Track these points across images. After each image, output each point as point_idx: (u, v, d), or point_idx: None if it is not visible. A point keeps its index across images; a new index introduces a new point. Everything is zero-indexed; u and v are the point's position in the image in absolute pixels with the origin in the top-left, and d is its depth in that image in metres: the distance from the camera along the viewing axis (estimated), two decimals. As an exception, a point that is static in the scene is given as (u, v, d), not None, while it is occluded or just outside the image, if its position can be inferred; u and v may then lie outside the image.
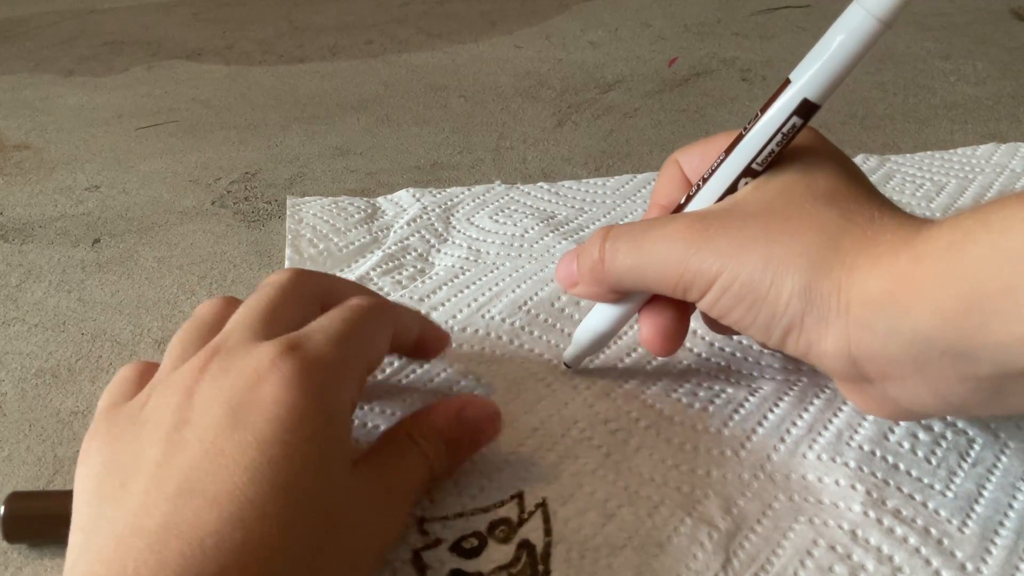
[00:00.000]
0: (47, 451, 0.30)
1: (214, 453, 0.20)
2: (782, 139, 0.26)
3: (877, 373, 0.24)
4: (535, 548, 0.25)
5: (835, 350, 0.24)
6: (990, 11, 0.71)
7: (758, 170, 0.26)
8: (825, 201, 0.25)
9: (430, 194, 0.44)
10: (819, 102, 0.25)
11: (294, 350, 0.23)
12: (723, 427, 0.29)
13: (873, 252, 0.23)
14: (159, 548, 0.19)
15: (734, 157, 0.27)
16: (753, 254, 0.24)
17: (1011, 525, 0.25)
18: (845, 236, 0.24)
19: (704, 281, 0.25)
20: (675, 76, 0.61)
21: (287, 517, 0.20)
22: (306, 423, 0.21)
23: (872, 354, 0.23)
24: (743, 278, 0.24)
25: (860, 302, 0.23)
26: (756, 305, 0.24)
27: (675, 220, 0.27)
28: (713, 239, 0.25)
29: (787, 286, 0.24)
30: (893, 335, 0.22)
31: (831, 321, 0.23)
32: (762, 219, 0.25)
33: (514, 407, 0.30)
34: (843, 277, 0.23)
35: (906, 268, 0.22)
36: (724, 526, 0.25)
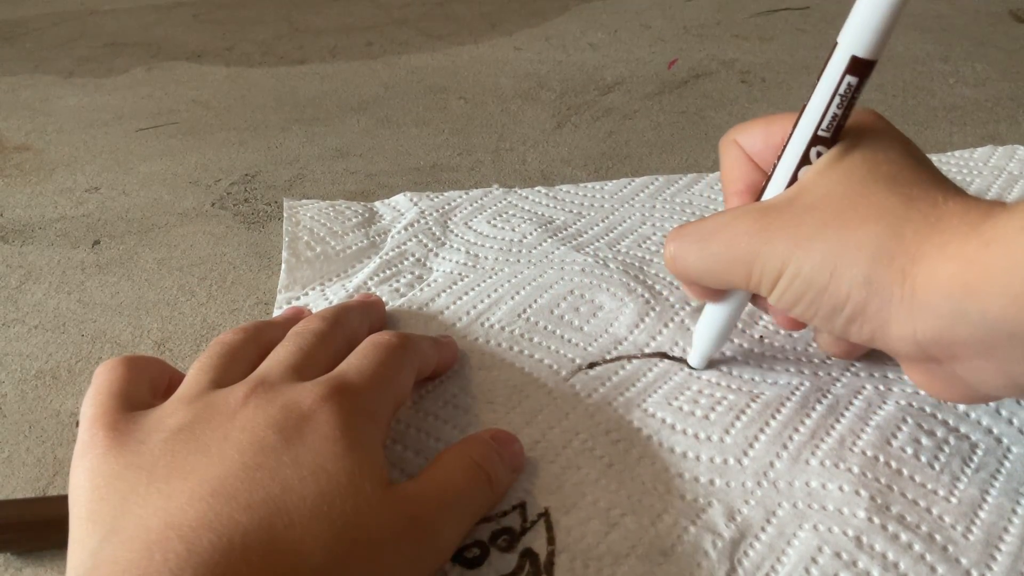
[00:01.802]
0: (47, 452, 0.30)
1: (253, 467, 0.22)
2: (840, 101, 0.25)
3: (945, 355, 0.24)
4: (538, 557, 0.25)
5: (900, 335, 0.24)
6: (989, 13, 0.71)
7: (825, 136, 0.26)
8: (887, 186, 0.25)
9: (427, 198, 0.44)
10: (870, 57, 0.25)
11: (338, 391, 0.25)
12: (725, 435, 0.29)
13: (938, 240, 0.23)
14: (191, 540, 0.20)
15: (799, 130, 0.26)
16: (813, 247, 0.25)
17: (1015, 531, 0.25)
18: (907, 224, 0.23)
19: (770, 278, 0.26)
20: (675, 78, 0.61)
21: (314, 528, 0.21)
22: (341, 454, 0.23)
23: (939, 337, 0.23)
24: (804, 273, 0.25)
25: (926, 288, 0.23)
26: (818, 298, 0.25)
27: (738, 217, 0.27)
28: (775, 235, 0.25)
29: (847, 278, 0.24)
30: (961, 318, 0.22)
31: (894, 308, 0.23)
32: (821, 210, 0.25)
33: (515, 417, 0.30)
34: (907, 265, 0.23)
35: (975, 253, 0.22)
36: (728, 534, 0.25)
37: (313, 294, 0.37)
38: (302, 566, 0.20)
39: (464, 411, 0.30)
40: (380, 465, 0.24)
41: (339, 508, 0.22)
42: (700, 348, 0.31)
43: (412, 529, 0.23)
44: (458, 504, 0.25)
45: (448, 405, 0.31)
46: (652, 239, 0.40)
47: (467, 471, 0.25)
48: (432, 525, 0.24)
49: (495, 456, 0.26)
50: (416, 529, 0.23)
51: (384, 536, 0.22)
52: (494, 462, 0.26)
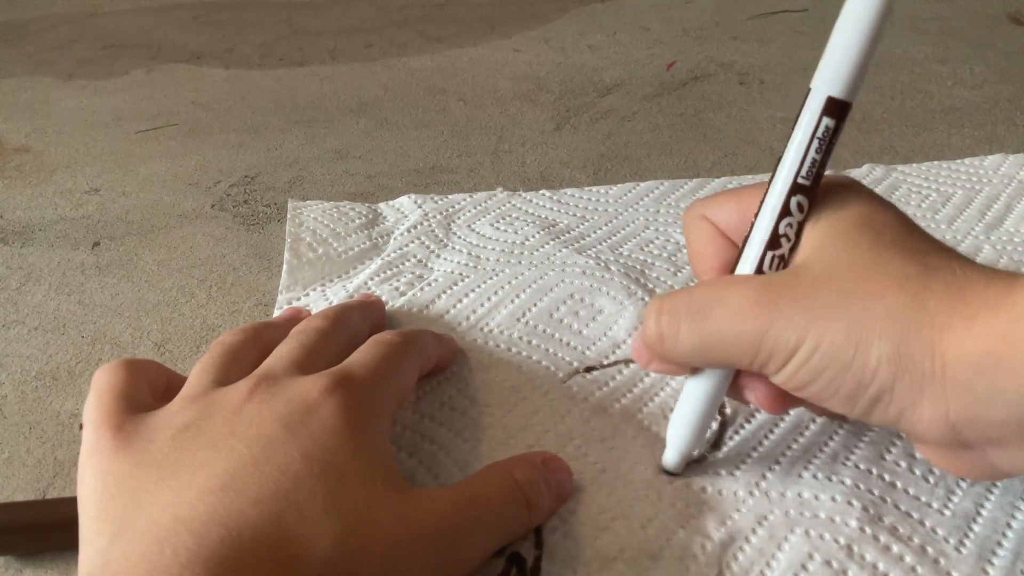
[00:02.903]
0: (47, 454, 0.30)
1: (262, 461, 0.22)
2: (819, 145, 0.25)
3: (978, 438, 0.22)
4: (525, 562, 0.25)
5: (932, 416, 0.22)
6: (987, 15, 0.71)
7: (805, 184, 0.25)
8: (899, 253, 0.23)
9: (431, 200, 0.44)
10: (846, 98, 0.24)
11: (342, 384, 0.25)
12: (716, 451, 0.29)
13: (965, 312, 0.21)
14: (202, 534, 0.20)
15: (778, 180, 0.25)
16: (833, 321, 0.22)
17: (1009, 545, 0.25)
18: (930, 294, 0.22)
19: (782, 355, 0.23)
20: (673, 80, 0.61)
21: (323, 521, 0.21)
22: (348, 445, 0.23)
23: (973, 418, 0.21)
24: (824, 348, 0.22)
25: (957, 364, 0.21)
26: (840, 375, 0.23)
27: (738, 292, 0.24)
28: (786, 310, 0.23)
29: (874, 353, 0.22)
30: (996, 398, 0.21)
31: (926, 386, 0.22)
32: (834, 281, 0.23)
33: (511, 420, 0.30)
34: (936, 339, 0.21)
35: (1007, 327, 0.20)
36: (718, 537, 0.25)
37: (314, 295, 0.37)
38: (312, 560, 0.20)
39: (460, 414, 0.30)
40: (391, 464, 0.24)
41: (351, 504, 0.22)
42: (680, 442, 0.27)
43: (430, 535, 0.23)
44: (488, 520, 0.24)
45: (445, 407, 0.31)
46: (655, 243, 0.40)
47: (505, 489, 0.25)
48: (455, 536, 0.23)
49: (540, 480, 0.26)
50: (435, 536, 0.23)
51: (398, 537, 0.22)
52: (537, 486, 0.25)
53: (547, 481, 0.26)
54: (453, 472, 0.28)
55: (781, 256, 0.25)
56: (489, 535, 0.24)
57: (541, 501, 0.26)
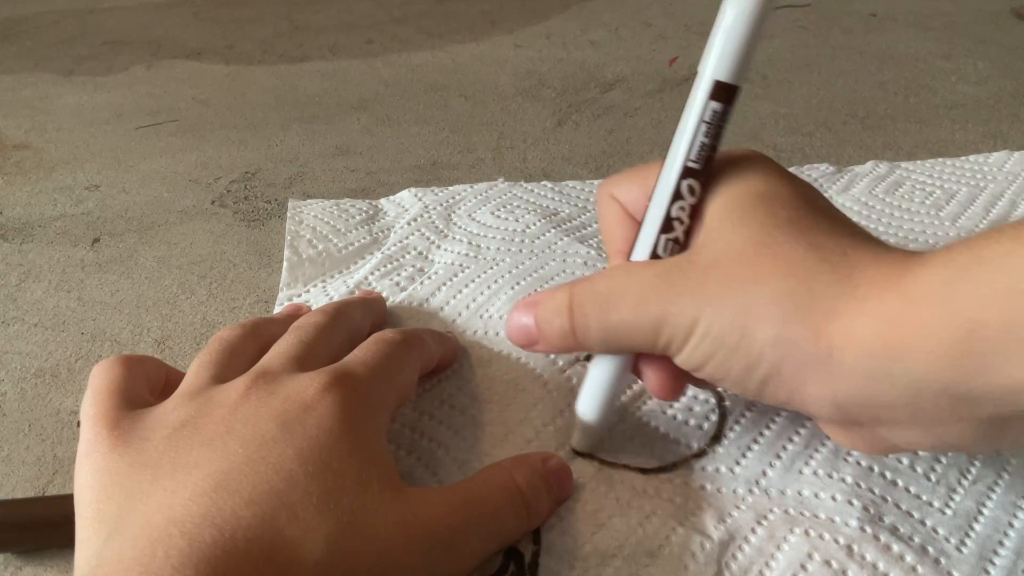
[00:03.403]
0: (47, 451, 0.30)
1: (257, 460, 0.22)
2: (707, 129, 0.24)
3: (868, 417, 0.22)
4: (523, 557, 0.25)
5: (818, 397, 0.22)
6: (991, 11, 0.71)
7: (695, 167, 0.25)
8: (791, 234, 0.23)
9: (432, 193, 0.43)
10: (732, 81, 0.24)
11: (340, 381, 0.24)
12: (717, 444, 0.28)
13: (854, 294, 0.21)
14: (193, 536, 0.20)
15: (668, 164, 0.25)
16: (721, 307, 0.23)
17: (1011, 545, 0.25)
18: (818, 278, 0.22)
19: (679, 340, 0.24)
20: (675, 75, 0.61)
21: (317, 522, 0.21)
22: (344, 444, 0.23)
23: (861, 400, 0.22)
24: (714, 332, 0.23)
25: (844, 348, 0.21)
26: (729, 359, 0.23)
27: (637, 278, 0.25)
28: (680, 296, 0.24)
29: (759, 337, 0.22)
30: (884, 380, 0.21)
31: (810, 370, 0.22)
32: (725, 264, 0.23)
33: (510, 415, 0.30)
34: (821, 323, 0.21)
35: (896, 310, 0.20)
36: (717, 535, 0.25)
37: (315, 291, 0.37)
38: (305, 561, 0.20)
39: (460, 411, 0.30)
40: (387, 463, 0.24)
41: (346, 504, 0.22)
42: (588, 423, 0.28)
43: (426, 536, 0.22)
44: (486, 523, 0.24)
45: (444, 405, 0.30)
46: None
47: (505, 492, 0.25)
48: (451, 537, 0.23)
49: (540, 483, 0.25)
50: (431, 537, 0.22)
51: (393, 537, 0.22)
52: (538, 490, 0.25)
53: (547, 483, 0.26)
54: (452, 470, 0.28)
55: (675, 239, 0.25)
56: (487, 538, 0.24)
57: (541, 505, 0.25)
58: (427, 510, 0.23)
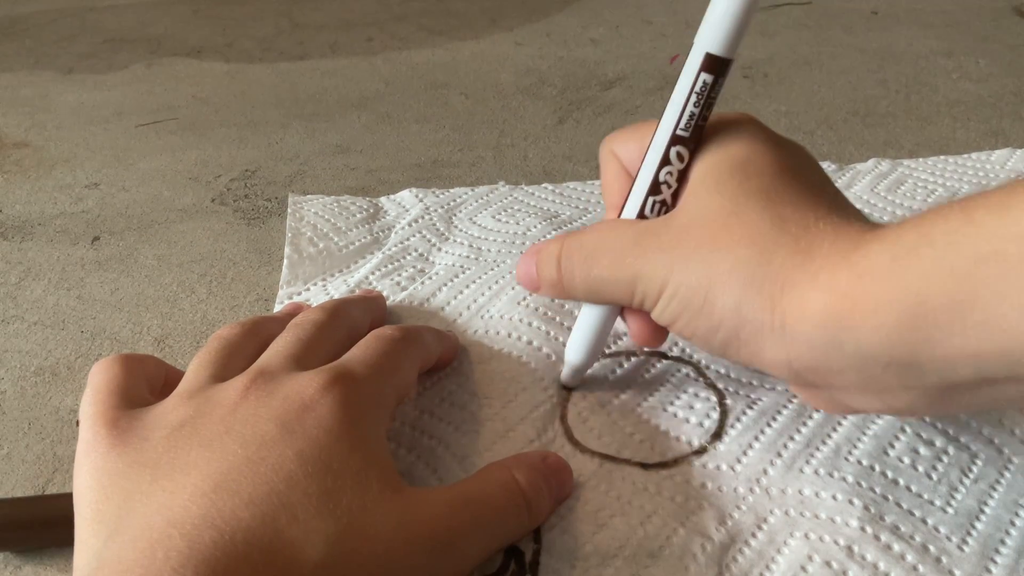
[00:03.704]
0: (46, 449, 0.30)
1: (256, 460, 0.22)
2: (697, 99, 0.26)
3: (822, 382, 0.24)
4: (523, 556, 0.25)
5: (774, 362, 0.24)
6: (993, 8, 0.71)
7: (684, 136, 0.26)
8: (760, 203, 0.24)
9: (433, 194, 0.43)
10: (724, 55, 0.25)
11: (339, 381, 0.24)
12: (719, 441, 0.28)
13: (809, 267, 0.22)
14: (193, 537, 0.20)
15: (659, 130, 0.27)
16: (688, 270, 0.24)
17: (1012, 543, 0.25)
18: (778, 249, 0.23)
19: (652, 297, 0.26)
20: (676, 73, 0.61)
21: (317, 523, 0.21)
22: (344, 444, 0.23)
23: (813, 367, 0.23)
24: (681, 294, 0.25)
25: (797, 319, 0.22)
26: (696, 318, 0.25)
27: (618, 235, 0.26)
28: (653, 255, 0.25)
29: (719, 303, 0.24)
30: (835, 349, 0.22)
31: (766, 336, 0.23)
32: (695, 231, 0.25)
33: (510, 413, 0.30)
34: (776, 294, 0.23)
35: (846, 285, 0.21)
36: (718, 538, 0.25)
37: (315, 289, 0.37)
38: (305, 563, 0.20)
39: (460, 408, 0.30)
40: (387, 463, 0.24)
41: (345, 505, 0.21)
42: (576, 363, 0.30)
43: (426, 536, 0.22)
44: (487, 522, 0.24)
45: (444, 403, 0.30)
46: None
47: (507, 491, 0.25)
48: (451, 537, 0.23)
49: (541, 482, 0.25)
50: (431, 537, 0.22)
51: (392, 538, 0.22)
52: (539, 489, 0.25)
53: (548, 482, 0.26)
54: (452, 467, 0.28)
55: (663, 201, 0.27)
56: (488, 537, 0.24)
57: (542, 504, 0.25)
58: (427, 510, 0.23)
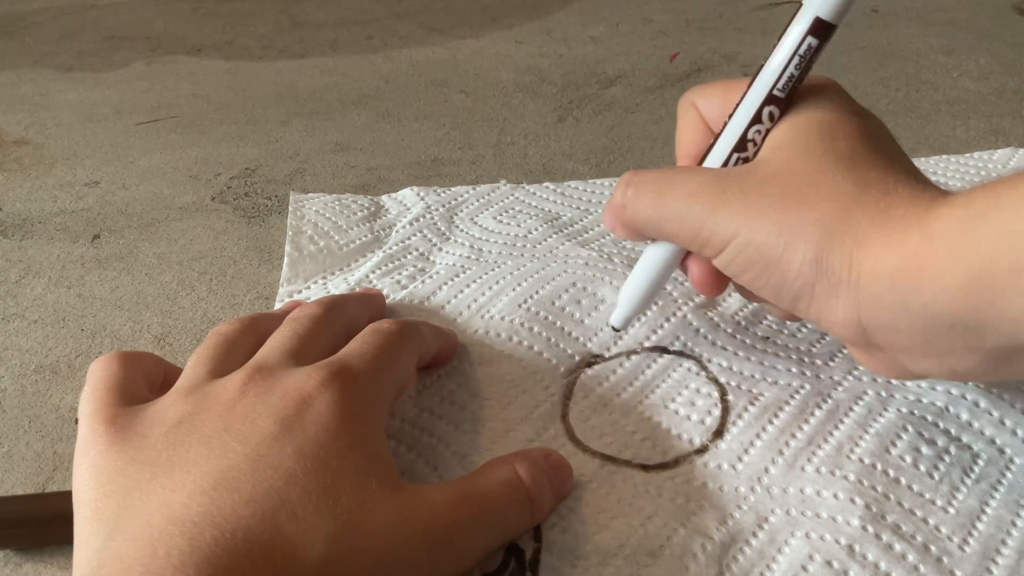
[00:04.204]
0: (47, 447, 0.30)
1: (255, 458, 0.22)
2: (799, 61, 0.26)
3: (886, 342, 0.24)
4: (524, 554, 0.25)
5: (845, 319, 0.24)
6: (993, 6, 0.71)
7: (780, 96, 0.26)
8: (845, 166, 0.25)
9: (434, 193, 0.43)
10: (833, 20, 0.25)
11: (338, 376, 0.24)
12: (720, 439, 0.28)
13: (885, 227, 0.23)
14: (194, 535, 0.20)
15: (755, 88, 0.27)
16: (767, 220, 0.25)
17: (1014, 544, 0.25)
18: (858, 208, 0.24)
19: (720, 241, 0.26)
20: (677, 71, 0.61)
21: (316, 520, 0.21)
22: (343, 441, 0.23)
23: (881, 325, 0.24)
24: (756, 243, 0.25)
25: (871, 276, 0.23)
26: (768, 270, 0.25)
27: (696, 176, 0.27)
28: (730, 202, 0.25)
29: (798, 255, 0.24)
30: (903, 309, 0.23)
31: (841, 292, 0.24)
32: (779, 183, 0.25)
33: (511, 413, 0.30)
34: (854, 250, 0.23)
35: (917, 246, 0.22)
36: (718, 537, 0.25)
37: (315, 287, 0.37)
38: (305, 560, 0.20)
39: (460, 407, 0.30)
40: (386, 461, 0.24)
41: (345, 502, 0.21)
42: (629, 302, 0.30)
43: (426, 533, 0.22)
44: (489, 518, 0.24)
45: (444, 401, 0.30)
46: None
47: (509, 487, 0.24)
48: (451, 533, 0.23)
49: (544, 478, 0.25)
50: (431, 534, 0.22)
51: (392, 535, 0.22)
52: (541, 484, 0.25)
53: (550, 479, 0.26)
54: (452, 464, 0.28)
55: (746, 159, 0.27)
56: (489, 533, 0.24)
57: (545, 500, 0.25)
58: (427, 507, 0.23)
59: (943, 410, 0.29)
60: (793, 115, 0.27)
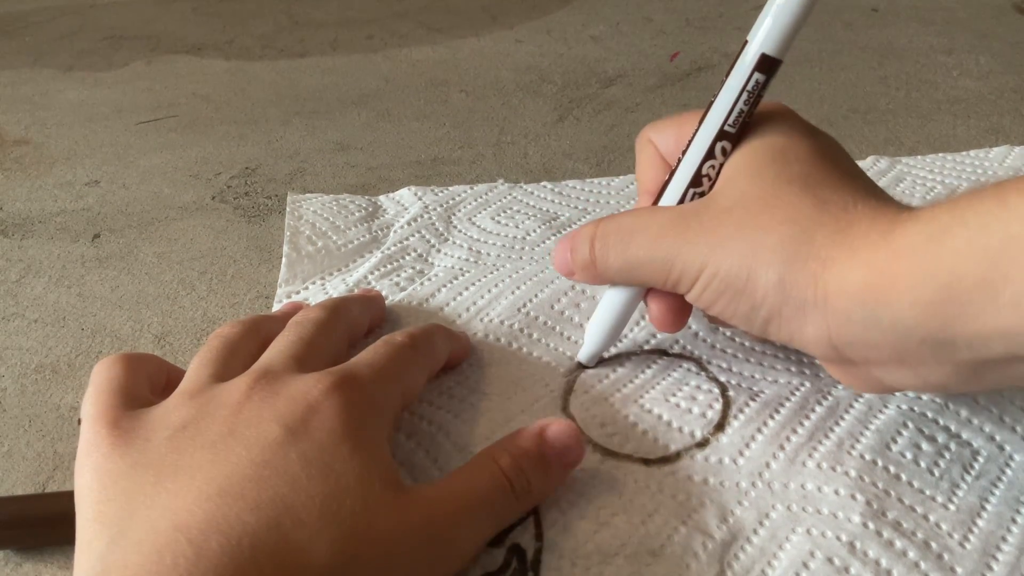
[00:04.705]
0: (47, 447, 0.30)
1: (260, 464, 0.22)
2: (748, 97, 0.26)
3: (859, 358, 0.24)
4: (525, 553, 0.25)
5: (815, 338, 0.24)
6: (993, 5, 0.71)
7: (731, 132, 0.27)
8: (800, 187, 0.25)
9: (432, 192, 0.43)
10: (777, 56, 0.26)
11: (343, 384, 0.24)
12: (721, 434, 0.28)
13: (850, 245, 0.23)
14: (200, 542, 0.20)
15: (706, 125, 0.27)
16: (729, 250, 0.25)
17: (1014, 540, 0.25)
18: (819, 228, 0.24)
19: (689, 278, 0.26)
20: (677, 71, 0.61)
21: (321, 527, 0.21)
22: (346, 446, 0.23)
23: (852, 341, 0.24)
24: (722, 273, 0.25)
25: (838, 294, 0.23)
26: (736, 298, 0.25)
27: (656, 219, 0.27)
28: (693, 238, 0.26)
29: (762, 280, 0.24)
30: (873, 325, 0.23)
31: (808, 312, 0.24)
32: (737, 213, 0.25)
33: (511, 405, 0.30)
34: (818, 270, 0.23)
35: (884, 262, 0.22)
36: (719, 535, 0.25)
37: (313, 288, 0.37)
38: (311, 566, 0.20)
39: (460, 400, 0.30)
40: (389, 464, 0.24)
41: (349, 507, 0.21)
42: (596, 342, 0.31)
43: (426, 533, 0.22)
44: (478, 511, 0.24)
45: (444, 395, 0.30)
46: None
47: (492, 478, 0.25)
48: (448, 530, 0.23)
49: (526, 463, 0.25)
50: (430, 534, 0.23)
51: (396, 538, 0.22)
52: (521, 471, 0.25)
53: (540, 458, 0.25)
54: (452, 454, 0.28)
55: (702, 193, 0.28)
56: (480, 525, 0.24)
57: (527, 485, 0.25)
58: (427, 508, 0.23)
59: (943, 407, 0.29)
60: (746, 144, 0.27)
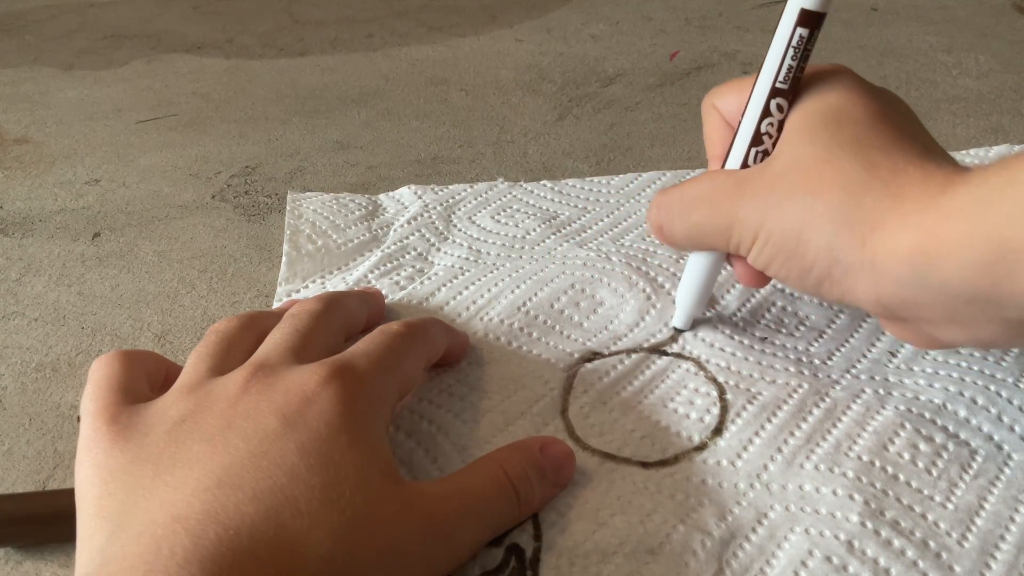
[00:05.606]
0: (47, 445, 0.30)
1: (258, 455, 0.22)
2: (794, 52, 0.27)
3: (911, 316, 0.25)
4: (524, 553, 0.25)
5: (866, 298, 0.25)
6: (992, 4, 0.71)
7: (783, 88, 0.28)
8: (851, 150, 0.25)
9: (432, 191, 0.43)
10: (818, 9, 0.27)
11: (340, 374, 0.24)
12: (719, 437, 0.28)
13: (899, 209, 0.24)
14: (198, 533, 0.20)
15: (759, 83, 0.28)
16: (781, 213, 0.26)
17: (1012, 539, 0.25)
18: (867, 192, 0.24)
19: (748, 240, 0.27)
20: (676, 70, 0.61)
21: (320, 516, 0.21)
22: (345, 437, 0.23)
23: (903, 302, 0.24)
24: (775, 237, 0.26)
25: (886, 257, 0.24)
26: (789, 260, 0.26)
27: (716, 185, 0.28)
28: (749, 202, 0.27)
29: (812, 244, 0.25)
30: (922, 286, 0.23)
31: (857, 275, 0.25)
32: (790, 176, 0.26)
33: (510, 406, 0.30)
34: (867, 233, 0.24)
35: (934, 224, 0.23)
36: (718, 534, 0.25)
37: (313, 287, 0.37)
38: (310, 556, 0.20)
39: (460, 399, 0.30)
40: (387, 455, 0.24)
41: (348, 497, 0.22)
42: (688, 306, 0.32)
43: (427, 528, 0.23)
44: (478, 512, 0.24)
45: (444, 393, 0.30)
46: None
47: (495, 483, 0.25)
48: (448, 528, 0.23)
49: (531, 472, 0.25)
50: (431, 529, 0.23)
51: (395, 529, 0.22)
52: (526, 479, 0.25)
53: (542, 472, 0.26)
54: (451, 455, 0.28)
55: (764, 151, 0.29)
56: (480, 526, 0.24)
57: (531, 494, 0.25)
58: (426, 501, 0.23)
59: (941, 407, 0.29)
60: (802, 104, 0.28)
